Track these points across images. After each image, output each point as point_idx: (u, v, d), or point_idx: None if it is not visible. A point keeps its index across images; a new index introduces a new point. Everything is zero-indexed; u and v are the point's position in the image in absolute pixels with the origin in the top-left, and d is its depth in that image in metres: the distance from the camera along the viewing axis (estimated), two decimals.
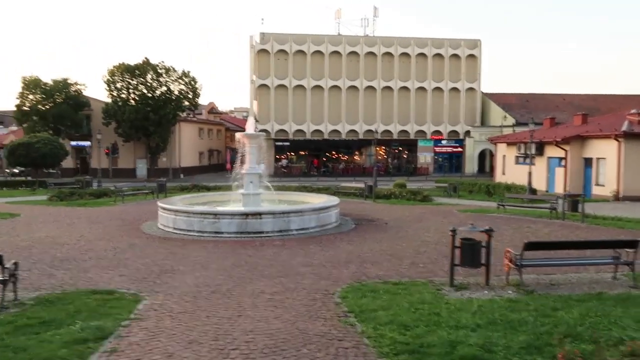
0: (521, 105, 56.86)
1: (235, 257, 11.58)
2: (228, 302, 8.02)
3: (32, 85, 44.22)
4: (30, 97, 44.49)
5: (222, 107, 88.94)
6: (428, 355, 5.68)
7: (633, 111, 29.62)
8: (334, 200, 17.15)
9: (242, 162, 17.12)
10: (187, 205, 15.28)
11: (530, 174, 28.50)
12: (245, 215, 14.35)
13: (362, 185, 27.19)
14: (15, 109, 44.82)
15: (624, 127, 26.64)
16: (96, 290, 8.67)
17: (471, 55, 56.50)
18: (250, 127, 17.41)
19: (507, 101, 57.19)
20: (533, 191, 27.78)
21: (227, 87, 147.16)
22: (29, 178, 37.26)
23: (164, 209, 15.50)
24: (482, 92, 58.26)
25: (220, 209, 15.16)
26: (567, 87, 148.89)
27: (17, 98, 44.24)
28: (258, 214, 14.40)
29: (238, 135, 17.14)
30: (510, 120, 53.71)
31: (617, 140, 26.54)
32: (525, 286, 9.03)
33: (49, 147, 33.03)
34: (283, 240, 13.64)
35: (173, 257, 11.50)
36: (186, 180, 43.21)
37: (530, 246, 8.80)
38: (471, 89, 56.82)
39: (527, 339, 6.14)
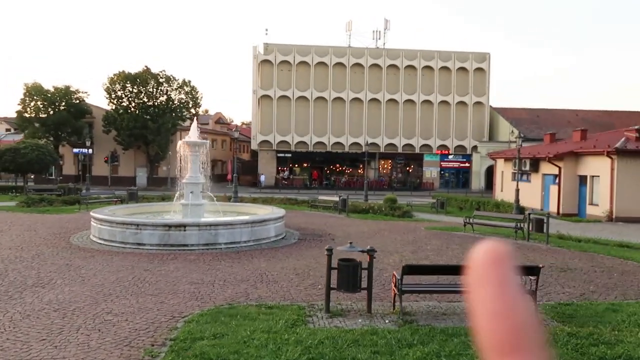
0: (531, 121, 55.00)
1: (129, 271, 10.81)
2: (55, 323, 7.23)
3: (33, 91, 44.89)
4: (32, 103, 45.13)
5: (237, 118, 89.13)
6: None
7: (632, 127, 27.92)
8: (277, 212, 16.28)
9: (187, 171, 16.48)
10: (110, 215, 14.62)
11: (517, 191, 27.04)
12: (168, 226, 13.61)
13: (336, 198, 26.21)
14: (16, 115, 45.56)
15: (618, 144, 25.03)
16: None
17: (479, 69, 55.05)
18: (193, 134, 16.74)
19: (516, 116, 55.41)
20: (521, 209, 26.30)
21: (240, 98, 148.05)
22: (29, 184, 37.65)
23: (93, 218, 14.90)
24: (491, 107, 56.65)
25: (141, 219, 14.45)
26: (581, 103, 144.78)
27: (19, 104, 44.97)
28: (182, 226, 13.64)
29: (180, 143, 16.49)
30: (522, 136, 51.84)
31: (610, 158, 24.94)
32: (409, 315, 7.99)
33: (36, 153, 33.15)
34: (199, 255, 12.83)
35: (64, 269, 10.82)
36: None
37: (410, 269, 7.76)
38: (479, 102, 55.29)
39: None
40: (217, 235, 13.82)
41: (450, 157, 56.09)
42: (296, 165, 57.42)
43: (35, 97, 45.10)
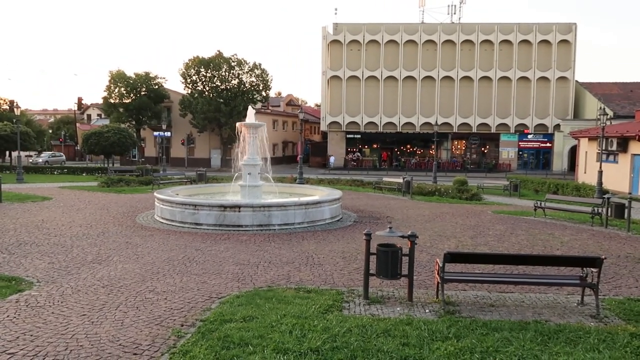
0: (623, 96, 50.33)
1: (181, 250, 11.13)
2: (100, 299, 7.54)
3: (117, 78, 47.61)
4: (116, 90, 47.93)
5: (310, 100, 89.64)
6: None
7: None
8: (333, 194, 16.06)
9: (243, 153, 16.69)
10: (170, 195, 15.11)
11: (600, 172, 24.91)
12: (223, 207, 13.85)
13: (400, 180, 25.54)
14: (102, 101, 48.63)
15: None
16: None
17: (564, 41, 51.03)
18: (250, 116, 16.85)
19: (606, 91, 50.97)
20: (604, 193, 24.22)
21: (313, 79, 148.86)
22: (114, 165, 40.62)
23: (156, 198, 15.52)
24: (577, 81, 52.47)
25: (198, 200, 14.81)
26: None
27: (105, 91, 47.92)
28: (236, 207, 13.84)
29: (238, 124, 16.67)
30: (608, 113, 47.67)
31: None
32: (453, 305, 7.52)
33: (118, 137, 35.30)
34: (251, 236, 12.95)
35: (123, 247, 11.34)
36: None
37: (453, 257, 7.25)
38: (563, 77, 51.38)
39: None
40: (270, 217, 13.89)
41: (530, 136, 52.89)
42: (365, 147, 56.81)
43: (119, 84, 47.84)
